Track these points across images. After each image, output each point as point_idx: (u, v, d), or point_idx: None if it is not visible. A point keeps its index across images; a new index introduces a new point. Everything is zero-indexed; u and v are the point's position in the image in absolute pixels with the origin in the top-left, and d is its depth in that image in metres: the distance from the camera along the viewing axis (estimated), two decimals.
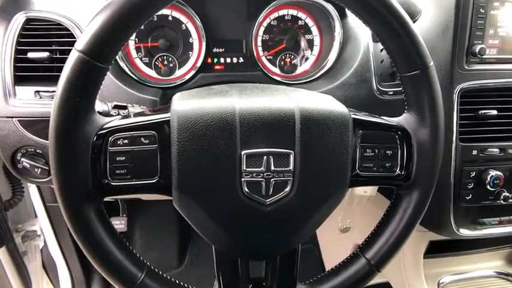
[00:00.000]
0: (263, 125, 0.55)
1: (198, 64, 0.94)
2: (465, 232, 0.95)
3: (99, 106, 0.67)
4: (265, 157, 0.55)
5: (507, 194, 0.92)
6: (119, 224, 1.35)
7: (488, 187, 0.90)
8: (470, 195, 0.92)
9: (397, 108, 0.91)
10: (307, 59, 0.99)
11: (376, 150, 0.62)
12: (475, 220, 0.96)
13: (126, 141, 0.55)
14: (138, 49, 0.93)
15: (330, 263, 1.44)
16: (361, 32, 0.94)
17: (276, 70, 0.98)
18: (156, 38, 0.93)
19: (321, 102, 0.60)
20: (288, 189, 0.56)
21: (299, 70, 0.99)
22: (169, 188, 0.56)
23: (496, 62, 0.88)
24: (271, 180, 0.55)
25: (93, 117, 0.54)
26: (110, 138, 0.55)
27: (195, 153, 0.54)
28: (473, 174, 0.90)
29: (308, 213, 0.59)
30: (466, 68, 0.86)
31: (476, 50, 0.84)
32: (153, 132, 0.56)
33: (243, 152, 0.54)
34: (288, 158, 0.55)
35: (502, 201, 0.92)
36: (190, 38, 0.95)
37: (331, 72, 0.94)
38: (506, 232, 0.98)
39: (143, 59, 0.94)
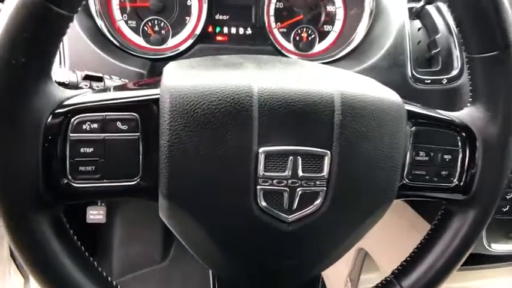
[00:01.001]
0: (290, 113, 0.39)
1: (197, 32, 0.77)
2: (497, 247, 0.83)
3: (63, 75, 0.50)
4: (291, 158, 0.40)
5: None
6: (97, 214, 1.19)
7: None
8: (508, 206, 0.79)
9: (433, 100, 0.76)
10: (327, 35, 0.83)
11: (432, 154, 0.47)
12: (508, 233, 0.83)
13: (95, 125, 0.39)
14: (123, 10, 0.76)
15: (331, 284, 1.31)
16: (395, 5, 0.78)
17: (290, 46, 0.82)
18: None
19: (366, 86, 0.45)
20: (318, 202, 0.41)
21: (317, 48, 0.83)
22: (155, 193, 0.41)
23: None
24: (298, 189, 0.40)
25: (48, 88, 0.37)
26: (72, 120, 0.38)
27: (193, 147, 0.38)
28: None
29: (341, 234, 0.45)
30: None
31: None
32: (135, 114, 0.40)
33: (261, 150, 0.39)
34: (322, 160, 0.40)
35: None
36: (189, 0, 0.77)
37: (357, 52, 0.79)
38: None
39: (129, 22, 0.76)
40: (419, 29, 0.78)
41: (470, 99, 0.50)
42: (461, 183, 0.49)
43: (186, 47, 0.76)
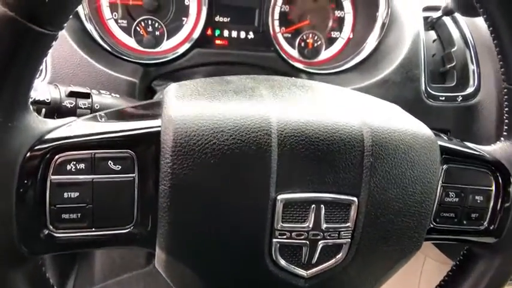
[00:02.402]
0: (314, 153, 0.34)
1: (195, 36, 0.70)
2: None
3: (44, 91, 0.43)
4: (313, 206, 0.34)
5: None
6: None
7: None
8: None
9: (447, 119, 0.72)
10: (334, 41, 0.78)
11: (462, 195, 0.43)
12: None
13: (82, 165, 0.32)
14: (113, 7, 0.68)
15: None
16: (410, 14, 0.73)
17: (294, 53, 0.76)
18: None
19: (396, 118, 0.39)
20: (341, 255, 0.36)
21: (323, 55, 0.77)
22: (151, 242, 0.35)
23: None
24: (319, 242, 0.35)
25: (25, 119, 0.31)
26: (54, 159, 0.32)
27: (199, 194, 0.33)
28: None
29: (362, 286, 0.40)
30: None
31: None
32: (130, 152, 0.33)
33: (279, 197, 0.33)
34: (348, 209, 0.35)
35: None
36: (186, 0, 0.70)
37: (368, 63, 0.73)
38: None
39: (120, 21, 0.69)
40: (434, 40, 0.73)
41: (505, 133, 0.45)
42: (492, 227, 0.44)
43: (183, 51, 0.69)
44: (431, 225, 0.42)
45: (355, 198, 0.35)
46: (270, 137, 0.33)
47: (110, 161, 0.33)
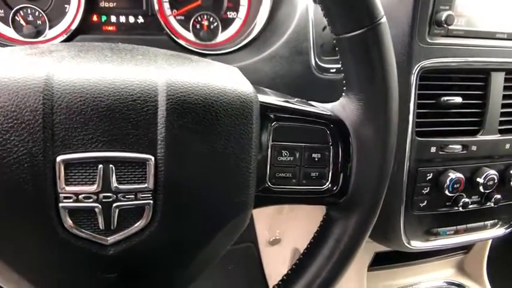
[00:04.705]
0: (96, 110, 0.32)
1: (76, 22, 0.68)
2: (417, 244, 0.79)
3: None
4: (100, 166, 0.32)
5: (466, 200, 0.75)
6: None
7: (446, 192, 0.73)
8: (425, 201, 0.75)
9: (340, 91, 0.71)
10: (231, 22, 0.76)
11: (297, 153, 0.41)
12: (428, 230, 0.79)
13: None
14: None
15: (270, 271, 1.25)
16: None
17: (189, 35, 0.74)
18: None
19: (206, 73, 0.38)
20: (144, 219, 0.34)
21: (221, 37, 0.75)
22: None
23: (465, 35, 0.70)
24: (114, 205, 0.33)
25: None
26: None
27: None
28: (429, 177, 0.73)
29: (183, 255, 0.37)
30: (429, 41, 0.67)
31: (442, 18, 0.65)
32: None
33: (58, 158, 0.31)
34: (143, 167, 0.33)
35: (460, 208, 0.76)
36: None
37: (259, 40, 0.72)
38: (462, 242, 0.83)
39: None
40: None
41: (344, 88, 0.44)
42: (336, 186, 0.43)
43: (64, 39, 0.67)
44: (268, 186, 0.41)
45: (151, 157, 0.33)
46: (42, 94, 0.31)
47: None
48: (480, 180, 0.74)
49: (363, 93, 0.41)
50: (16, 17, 0.67)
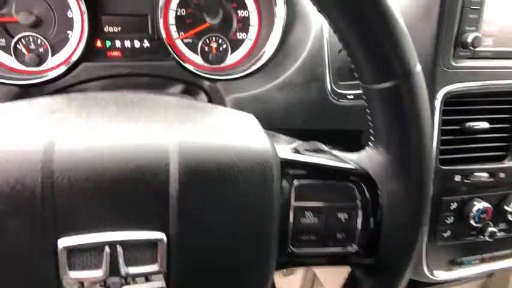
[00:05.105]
0: (101, 185, 0.29)
1: (80, 49, 0.65)
2: (440, 275, 0.74)
3: None
4: (107, 249, 0.29)
5: (493, 229, 0.71)
6: None
7: (472, 222, 0.69)
8: (449, 231, 0.70)
9: (359, 118, 0.67)
10: (241, 44, 0.72)
11: (322, 214, 0.37)
12: (452, 260, 0.75)
13: None
14: None
15: None
16: (312, 10, 0.67)
17: (198, 59, 0.71)
18: (14, 8, 0.63)
19: (221, 130, 0.34)
20: None
21: (229, 60, 0.72)
22: None
23: (492, 56, 0.65)
24: None
25: None
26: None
27: None
28: (454, 206, 0.68)
29: None
30: (453, 64, 0.62)
31: (469, 40, 0.60)
32: None
33: (61, 244, 0.28)
34: (154, 248, 0.30)
35: (487, 238, 0.71)
36: (69, 11, 0.65)
37: (270, 65, 0.68)
38: (488, 271, 0.79)
39: None
40: None
41: (372, 138, 0.40)
42: (363, 246, 0.39)
43: (68, 67, 0.64)
44: (291, 250, 0.37)
45: (162, 235, 0.30)
46: (41, 172, 0.28)
47: None
48: (509, 208, 0.69)
49: (394, 149, 0.37)
50: (18, 46, 0.64)
